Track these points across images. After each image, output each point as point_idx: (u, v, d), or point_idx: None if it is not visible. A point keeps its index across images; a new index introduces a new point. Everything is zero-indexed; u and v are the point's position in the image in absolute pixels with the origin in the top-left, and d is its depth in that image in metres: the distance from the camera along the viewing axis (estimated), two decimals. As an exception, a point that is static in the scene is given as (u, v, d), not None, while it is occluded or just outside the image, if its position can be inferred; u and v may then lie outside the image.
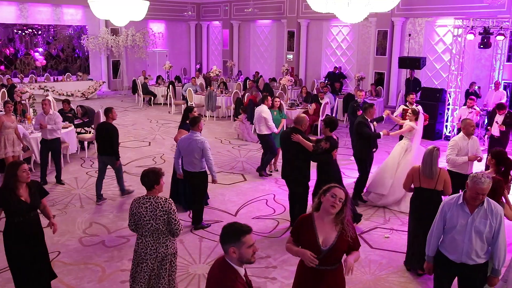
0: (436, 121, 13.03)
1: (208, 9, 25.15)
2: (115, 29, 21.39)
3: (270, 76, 21.18)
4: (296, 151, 6.60)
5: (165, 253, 4.38)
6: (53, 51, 21.16)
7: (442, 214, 4.10)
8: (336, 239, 3.52)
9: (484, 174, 3.92)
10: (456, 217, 3.97)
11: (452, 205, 4.02)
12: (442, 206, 4.12)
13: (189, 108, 8.00)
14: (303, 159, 6.65)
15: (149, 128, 14.14)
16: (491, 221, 3.89)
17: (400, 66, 14.56)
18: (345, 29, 19.02)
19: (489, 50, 13.21)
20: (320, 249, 3.52)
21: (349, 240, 3.55)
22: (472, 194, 3.85)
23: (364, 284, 5.47)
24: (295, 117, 7.03)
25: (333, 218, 3.56)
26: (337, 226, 3.56)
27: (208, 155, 6.63)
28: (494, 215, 3.90)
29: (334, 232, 3.54)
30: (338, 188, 3.55)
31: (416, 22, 16.57)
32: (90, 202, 7.96)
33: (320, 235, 3.54)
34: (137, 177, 9.27)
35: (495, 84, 13.27)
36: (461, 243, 3.95)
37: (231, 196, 8.34)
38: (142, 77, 19.36)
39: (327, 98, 13.88)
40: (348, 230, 3.55)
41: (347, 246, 3.58)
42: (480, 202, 3.89)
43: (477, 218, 3.91)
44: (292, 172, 6.79)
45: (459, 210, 3.97)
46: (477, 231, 3.90)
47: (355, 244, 3.63)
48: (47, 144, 8.78)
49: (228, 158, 10.84)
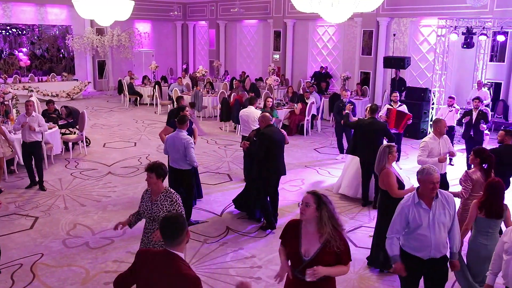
0: (421, 120, 13.16)
1: (194, 9, 25.08)
2: (101, 29, 21.22)
3: (256, 76, 21.19)
4: (282, 147, 7.01)
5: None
6: (37, 51, 20.94)
7: (402, 216, 4.08)
8: (319, 251, 3.32)
9: (429, 165, 4.09)
10: (418, 216, 4.02)
11: (410, 205, 4.06)
12: (402, 208, 4.10)
13: (182, 107, 7.99)
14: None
15: (135, 128, 14.07)
16: (448, 209, 4.03)
17: (385, 66, 14.67)
18: (331, 29, 19.10)
19: (473, 50, 13.36)
20: (302, 258, 3.37)
21: (336, 252, 3.31)
22: (428, 186, 3.94)
23: (348, 283, 5.50)
24: (263, 115, 7.15)
25: (317, 228, 3.35)
26: (321, 237, 3.32)
27: (191, 154, 6.64)
28: (449, 203, 4.05)
29: (317, 243, 3.34)
30: (306, 193, 3.41)
31: (401, 22, 16.70)
32: (74, 204, 7.90)
33: (303, 245, 3.38)
34: (122, 178, 9.27)
35: (478, 84, 13.42)
36: (429, 239, 4.02)
37: (217, 196, 8.33)
38: (128, 77, 19.24)
39: (313, 97, 13.94)
40: (335, 243, 3.30)
41: (333, 259, 3.34)
42: (435, 194, 3.98)
43: (437, 211, 4.01)
44: (283, 166, 7.12)
45: (419, 208, 4.03)
46: (440, 223, 4.01)
47: (343, 258, 3.37)
48: (26, 147, 8.53)
49: (214, 158, 10.83)
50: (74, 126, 11.39)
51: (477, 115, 9.83)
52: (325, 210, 3.32)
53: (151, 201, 4.50)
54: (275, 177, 6.99)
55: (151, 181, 4.44)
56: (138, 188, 8.65)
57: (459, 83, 15.37)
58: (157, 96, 17.29)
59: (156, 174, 4.41)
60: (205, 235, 6.72)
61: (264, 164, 6.78)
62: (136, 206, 7.82)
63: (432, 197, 3.98)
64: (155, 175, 4.41)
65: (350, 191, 8.27)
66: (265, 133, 6.77)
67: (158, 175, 4.42)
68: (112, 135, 13.05)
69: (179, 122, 6.82)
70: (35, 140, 8.47)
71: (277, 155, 6.89)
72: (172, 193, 4.48)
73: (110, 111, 17.04)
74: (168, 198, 4.44)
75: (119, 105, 18.53)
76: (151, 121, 15.11)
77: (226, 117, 14.13)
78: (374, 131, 7.94)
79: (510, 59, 14.22)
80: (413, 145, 12.49)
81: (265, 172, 6.81)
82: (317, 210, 3.31)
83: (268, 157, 6.77)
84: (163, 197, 4.45)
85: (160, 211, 4.41)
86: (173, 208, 4.41)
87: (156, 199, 4.47)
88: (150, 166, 4.47)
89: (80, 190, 8.54)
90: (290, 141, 12.48)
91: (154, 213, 4.44)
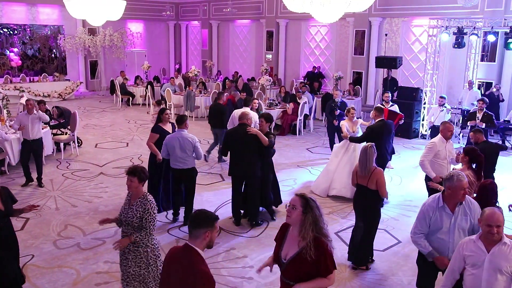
0: (413, 120, 13.22)
1: (187, 9, 25.04)
2: (93, 29, 21.14)
3: (249, 76, 21.20)
4: (250, 147, 6.80)
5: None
6: (29, 51, 20.81)
7: (425, 217, 4.14)
8: (295, 255, 3.27)
9: (457, 172, 4.08)
10: (440, 219, 4.09)
11: (435, 208, 4.11)
12: (426, 210, 4.15)
13: (162, 109, 7.95)
14: (258, 154, 6.87)
15: (127, 128, 14.02)
16: (470, 216, 4.07)
17: (377, 65, 14.72)
18: (324, 29, 19.14)
19: (464, 49, 13.44)
20: (281, 260, 3.39)
21: (310, 260, 3.20)
22: (460, 193, 3.98)
23: (339, 283, 5.52)
24: (240, 113, 7.23)
25: (298, 232, 3.28)
26: (300, 242, 3.24)
27: (199, 150, 6.82)
28: (472, 211, 4.07)
29: (295, 248, 3.28)
30: (294, 196, 3.36)
31: (393, 22, 16.76)
32: (65, 205, 7.86)
33: (285, 246, 3.38)
34: (114, 178, 9.24)
35: (469, 83, 13.52)
36: (447, 242, 4.10)
37: (209, 197, 8.32)
38: (121, 78, 19.18)
39: (305, 97, 13.97)
40: (308, 252, 3.19)
41: (311, 268, 3.23)
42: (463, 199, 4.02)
43: (459, 216, 4.07)
44: (249, 167, 6.90)
45: (442, 212, 4.09)
46: (460, 228, 4.07)
47: (320, 269, 3.25)
48: (28, 145, 8.66)
49: (206, 158, 10.81)
50: (65, 127, 11.33)
51: (482, 117, 9.90)
52: (310, 214, 3.24)
53: (129, 204, 4.36)
54: (233, 177, 7.09)
55: (132, 185, 4.28)
56: (130, 188, 8.62)
57: (450, 82, 15.46)
58: (149, 96, 17.24)
59: (138, 178, 4.26)
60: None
61: (230, 162, 7.06)
62: (128, 206, 7.85)
63: (457, 203, 4.03)
64: (137, 179, 4.26)
65: (348, 192, 8.12)
66: (228, 131, 7.30)
67: (140, 179, 4.28)
68: (104, 136, 13.00)
69: (178, 122, 6.87)
70: (39, 137, 8.75)
71: (238, 154, 6.92)
72: (149, 201, 4.28)
73: (102, 111, 16.97)
74: (143, 205, 4.26)
75: (111, 105, 18.46)
76: (144, 121, 15.06)
77: (218, 117, 14.09)
78: (388, 132, 8.07)
79: (501, 59, 14.31)
80: (405, 145, 12.55)
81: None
82: (302, 213, 3.24)
83: (231, 155, 7.02)
84: (139, 203, 4.28)
85: (134, 217, 4.25)
86: (144, 217, 4.23)
87: (133, 203, 4.32)
88: (132, 169, 4.31)
89: (71, 191, 8.51)
90: (283, 141, 12.54)
91: (128, 217, 4.29)
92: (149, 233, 4.29)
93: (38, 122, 8.72)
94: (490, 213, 3.51)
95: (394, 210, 7.82)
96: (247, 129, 6.79)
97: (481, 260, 3.54)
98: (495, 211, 3.52)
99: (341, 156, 8.43)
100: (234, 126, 9.43)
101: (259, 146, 6.81)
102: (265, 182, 7.18)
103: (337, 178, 8.32)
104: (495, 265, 3.49)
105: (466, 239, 3.77)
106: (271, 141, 6.82)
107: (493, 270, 3.49)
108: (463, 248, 3.68)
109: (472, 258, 3.60)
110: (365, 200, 5.67)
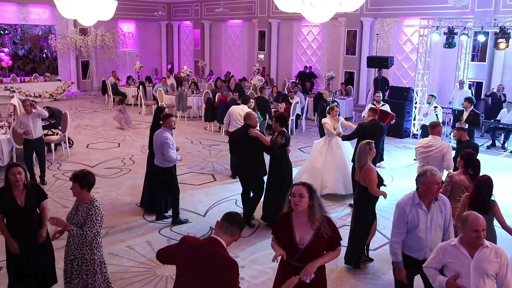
0: (404, 120, 13.28)
1: (179, 9, 25.00)
2: (84, 29, 21.04)
3: (242, 76, 21.20)
4: (252, 148, 6.76)
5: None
6: (20, 51, 20.67)
7: (402, 216, 4.09)
8: (313, 237, 3.49)
9: (430, 167, 4.14)
10: (417, 216, 4.06)
11: (411, 205, 4.08)
12: (402, 208, 4.09)
13: (160, 108, 7.95)
14: (259, 155, 6.82)
15: (118, 129, 13.97)
16: (445, 212, 4.10)
17: (368, 65, 14.79)
18: (315, 29, 19.19)
19: (454, 49, 13.53)
20: (297, 247, 3.51)
21: (327, 237, 3.50)
22: (434, 187, 3.97)
23: (332, 281, 5.53)
24: (246, 114, 7.14)
25: (307, 216, 3.51)
26: (313, 224, 3.50)
27: (168, 152, 6.65)
28: (446, 206, 4.11)
29: (310, 231, 3.50)
30: (296, 185, 3.55)
31: (384, 22, 16.84)
32: (56, 206, 7.81)
33: (297, 234, 3.52)
34: (105, 179, 9.20)
35: (460, 83, 13.61)
36: (424, 240, 4.07)
37: (201, 197, 8.31)
38: (112, 78, 19.10)
39: (297, 97, 13.99)
40: (324, 230, 3.49)
41: (325, 245, 3.54)
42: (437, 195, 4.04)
43: (435, 213, 4.07)
44: (252, 169, 6.87)
45: (418, 209, 4.06)
46: (437, 225, 4.08)
47: (333, 243, 3.58)
48: (30, 145, 8.70)
49: (198, 159, 10.80)
50: (56, 127, 11.26)
51: (467, 117, 9.97)
52: (315, 198, 3.52)
53: (76, 209, 4.26)
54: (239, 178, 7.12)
55: (74, 191, 4.16)
56: (121, 189, 8.60)
57: (441, 82, 15.56)
58: (141, 96, 17.20)
59: (79, 184, 4.14)
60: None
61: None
62: (119, 207, 7.81)
63: (436, 198, 4.05)
64: (78, 185, 4.14)
65: (341, 189, 8.18)
66: (233, 132, 7.24)
67: (82, 185, 4.14)
68: (95, 136, 12.95)
69: (162, 120, 6.91)
70: (42, 134, 8.94)
71: (242, 155, 6.93)
72: (94, 207, 4.14)
73: (94, 112, 16.91)
74: (88, 211, 4.13)
75: (103, 105, 18.39)
76: (135, 122, 15.00)
77: (210, 117, 14.10)
78: (379, 132, 8.10)
79: (491, 59, 14.41)
80: (397, 144, 12.61)
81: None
82: (309, 199, 3.50)
83: (236, 156, 7.11)
84: (85, 209, 4.16)
85: (78, 223, 4.15)
86: (85, 223, 4.11)
87: (79, 209, 4.21)
88: (74, 175, 4.19)
89: (62, 192, 8.46)
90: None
91: (74, 222, 4.18)
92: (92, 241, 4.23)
93: (39, 119, 8.79)
94: (474, 218, 3.41)
95: (385, 209, 7.85)
96: (248, 131, 6.74)
97: (465, 266, 3.46)
98: (477, 215, 3.44)
99: (325, 153, 8.38)
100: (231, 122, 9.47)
101: (261, 147, 6.79)
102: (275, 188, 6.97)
103: (327, 176, 8.28)
104: (481, 270, 3.43)
105: (444, 244, 3.64)
106: (274, 142, 6.70)
107: (480, 276, 3.43)
108: (443, 254, 3.58)
109: (456, 266, 3.51)
110: (358, 196, 5.71)
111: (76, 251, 4.25)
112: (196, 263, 3.09)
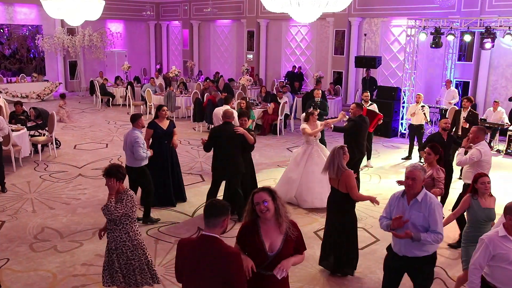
0: (392, 119, 13.36)
1: (168, 9, 24.92)
2: (72, 29, 20.88)
3: (231, 76, 21.19)
4: (235, 146, 6.83)
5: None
6: (6, 51, 20.47)
7: (390, 204, 4.18)
8: (283, 243, 3.38)
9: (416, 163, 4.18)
10: (397, 209, 4.08)
11: (397, 197, 4.13)
12: (391, 198, 4.20)
13: (160, 106, 7.93)
14: (240, 152, 6.95)
15: (107, 129, 13.89)
16: (424, 214, 3.94)
17: (356, 65, 14.85)
18: (304, 29, 19.23)
19: (442, 49, 13.64)
20: (267, 255, 3.37)
21: (295, 239, 3.42)
22: (406, 180, 3.99)
23: (318, 281, 5.55)
24: (224, 111, 7.17)
25: (275, 220, 3.39)
26: (281, 227, 3.38)
27: (138, 151, 6.70)
28: (428, 209, 3.92)
29: (280, 236, 3.39)
30: (256, 193, 3.39)
31: (372, 22, 16.93)
32: (42, 207, 7.75)
33: (266, 241, 3.38)
34: (92, 180, 9.14)
35: (446, 82, 13.72)
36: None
37: (189, 197, 8.27)
38: (100, 78, 18.98)
39: (285, 97, 14.02)
40: (290, 231, 3.40)
41: (293, 248, 3.44)
42: (412, 189, 3.97)
43: (412, 211, 3.99)
44: (234, 166, 6.92)
45: (400, 202, 4.09)
46: (412, 223, 3.97)
47: (300, 246, 3.50)
48: None
49: (187, 159, 10.77)
50: (43, 128, 11.17)
51: (468, 115, 10.03)
52: (278, 201, 3.40)
53: (115, 201, 4.42)
54: (217, 177, 7.08)
55: (111, 186, 4.38)
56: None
57: (428, 82, 15.66)
58: (129, 96, 17.11)
59: (116, 178, 4.36)
60: (176, 236, 6.67)
61: (213, 161, 7.01)
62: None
63: (411, 193, 3.99)
64: (115, 179, 4.36)
65: (319, 202, 7.56)
66: (214, 128, 7.26)
67: (118, 178, 4.38)
68: (83, 137, 12.86)
69: (131, 121, 6.93)
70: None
71: (222, 152, 6.88)
72: (127, 195, 4.38)
73: (82, 112, 16.79)
74: (120, 198, 4.36)
75: (91, 106, 18.28)
76: (124, 122, 14.92)
77: (199, 118, 14.08)
78: (365, 127, 8.19)
79: (477, 58, 14.54)
80: (384, 144, 12.68)
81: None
82: (274, 203, 3.38)
83: (215, 154, 6.96)
84: (119, 198, 4.38)
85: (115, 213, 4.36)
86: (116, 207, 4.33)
87: (116, 200, 4.41)
88: (108, 171, 4.39)
89: (49, 193, 8.39)
90: (263, 141, 12.56)
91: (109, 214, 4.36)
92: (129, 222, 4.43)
93: None
94: None
95: (373, 208, 7.87)
96: (234, 129, 6.81)
97: None
98: None
99: (303, 163, 7.88)
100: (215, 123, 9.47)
101: (242, 145, 6.89)
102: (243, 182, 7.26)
103: (305, 189, 7.81)
104: None
105: (490, 237, 3.70)
106: (255, 139, 7.02)
107: None
108: (494, 248, 3.66)
109: (509, 255, 3.63)
110: (336, 203, 5.48)
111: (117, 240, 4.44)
112: (201, 264, 3.11)
